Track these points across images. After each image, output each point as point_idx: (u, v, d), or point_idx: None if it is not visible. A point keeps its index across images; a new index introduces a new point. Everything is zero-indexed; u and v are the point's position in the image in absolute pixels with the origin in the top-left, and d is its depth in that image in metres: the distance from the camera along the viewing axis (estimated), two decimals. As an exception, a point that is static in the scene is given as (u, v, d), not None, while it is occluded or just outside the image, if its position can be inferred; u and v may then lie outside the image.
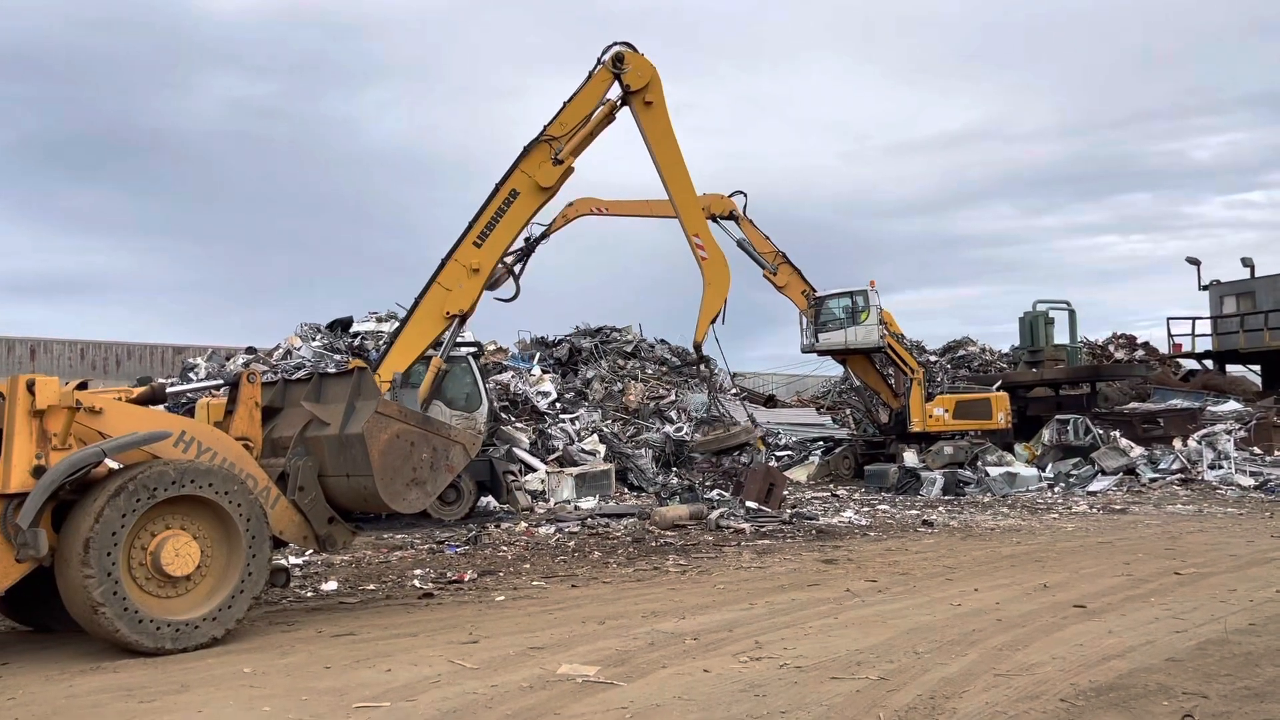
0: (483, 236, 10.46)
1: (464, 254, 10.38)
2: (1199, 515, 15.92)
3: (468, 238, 10.40)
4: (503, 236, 10.48)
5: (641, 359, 30.86)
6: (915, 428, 23.47)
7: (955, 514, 16.83)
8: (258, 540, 7.39)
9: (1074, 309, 29.17)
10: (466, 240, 10.39)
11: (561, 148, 10.54)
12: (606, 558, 11.94)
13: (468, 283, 10.29)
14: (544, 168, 10.56)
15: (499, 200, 10.53)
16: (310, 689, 5.94)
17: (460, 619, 8.19)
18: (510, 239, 10.56)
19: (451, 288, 10.27)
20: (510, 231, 10.51)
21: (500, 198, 10.55)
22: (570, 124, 10.83)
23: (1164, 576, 9.65)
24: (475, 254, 10.37)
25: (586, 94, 11.04)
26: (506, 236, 10.51)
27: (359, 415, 8.02)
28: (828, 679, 5.97)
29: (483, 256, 10.33)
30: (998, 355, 36.78)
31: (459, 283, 10.27)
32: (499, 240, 10.45)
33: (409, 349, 10.26)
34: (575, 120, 10.82)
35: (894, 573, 10.36)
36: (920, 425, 23.51)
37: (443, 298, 10.32)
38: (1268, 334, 29.30)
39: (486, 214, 10.51)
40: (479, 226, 10.48)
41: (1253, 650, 6.49)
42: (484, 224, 10.49)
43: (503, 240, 10.47)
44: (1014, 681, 5.83)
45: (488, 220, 10.51)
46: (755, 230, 23.57)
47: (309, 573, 10.82)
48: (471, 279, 10.27)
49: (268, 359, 23.97)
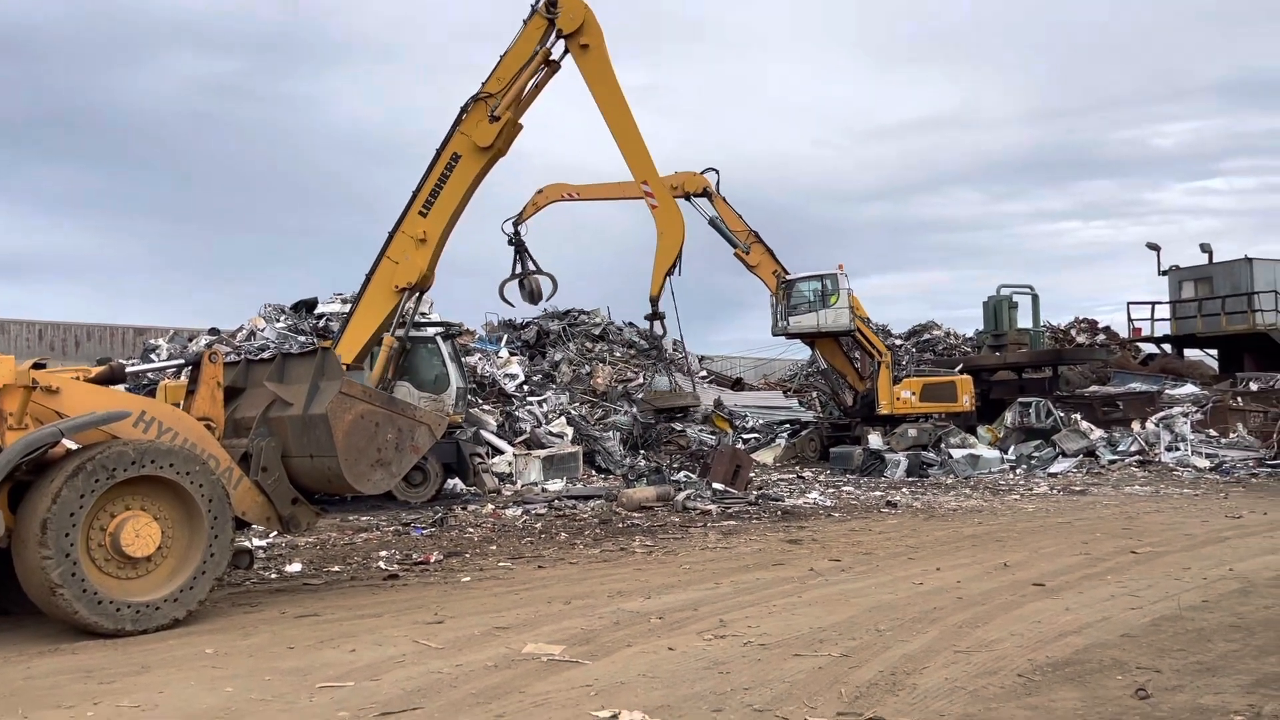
0: (427, 205, 10.14)
1: (410, 224, 10.07)
2: (1156, 496, 16.20)
3: (413, 207, 10.09)
4: (448, 203, 10.12)
5: (609, 342, 30.86)
6: (884, 410, 23.66)
7: (918, 495, 17.01)
8: (220, 521, 7.33)
9: (1037, 294, 29.42)
10: (412, 210, 10.08)
11: (498, 103, 10.14)
12: (573, 539, 11.96)
13: (415, 254, 9.97)
14: (481, 126, 10.16)
15: (440, 166, 10.18)
16: (273, 669, 5.91)
17: (425, 600, 8.18)
18: (456, 205, 10.15)
19: (399, 260, 9.98)
20: (455, 197, 10.13)
21: (442, 163, 10.19)
22: (506, 77, 10.38)
23: (1121, 555, 9.82)
24: (421, 223, 10.03)
25: (521, 43, 10.51)
26: (452, 203, 10.12)
27: (323, 395, 7.97)
28: (791, 656, 6.03)
29: (429, 225, 10.00)
30: (962, 339, 37.15)
31: (405, 254, 9.96)
32: (444, 208, 10.09)
33: (361, 328, 10.04)
34: (510, 73, 10.35)
35: (857, 552, 10.46)
36: (888, 408, 23.71)
37: (391, 271, 10.03)
38: (1224, 319, 29.79)
39: (430, 181, 10.17)
40: (423, 195, 10.14)
41: (1205, 626, 6.63)
42: (427, 191, 10.16)
43: (448, 207, 10.10)
44: (973, 658, 5.92)
45: (431, 187, 10.17)
46: (728, 208, 23.54)
47: (273, 554, 10.75)
48: (419, 249, 9.95)
49: (231, 340, 23.70)
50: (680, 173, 23.02)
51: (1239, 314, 29.44)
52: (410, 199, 10.18)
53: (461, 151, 10.25)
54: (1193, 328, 30.85)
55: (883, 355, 24.49)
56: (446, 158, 10.24)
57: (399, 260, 10.05)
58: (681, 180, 22.98)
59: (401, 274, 10.02)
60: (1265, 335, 28.48)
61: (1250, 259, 30.02)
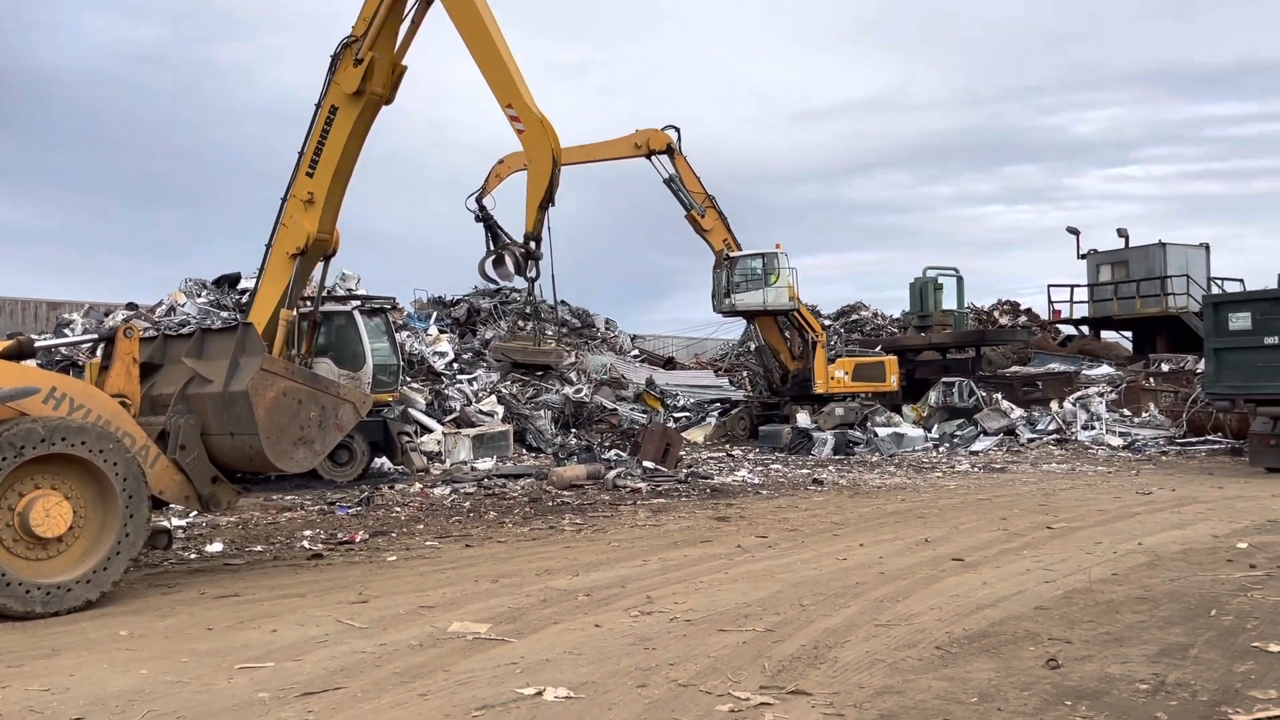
0: (313, 164, 9.78)
1: (298, 186, 9.65)
2: (1072, 474, 16.70)
3: (300, 168, 9.69)
4: (331, 159, 9.65)
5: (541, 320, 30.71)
6: (819, 389, 24.03)
7: (844, 473, 17.29)
8: (135, 500, 7.14)
9: (961, 276, 30.06)
10: (300, 172, 9.69)
11: (361, 45, 9.69)
12: (502, 518, 11.92)
13: (303, 216, 9.54)
14: (348, 72, 9.75)
15: (320, 121, 9.75)
16: (191, 650, 5.79)
17: (350, 579, 8.09)
18: (338, 160, 9.65)
19: (290, 225, 9.62)
20: (337, 152, 9.62)
21: (321, 118, 9.73)
22: (369, 16, 9.93)
23: (1037, 531, 10.11)
24: (308, 184, 9.57)
25: None
26: (334, 159, 9.66)
27: (244, 372, 7.79)
28: (716, 631, 6.09)
29: (315, 185, 9.56)
30: (889, 320, 37.76)
31: (294, 218, 9.59)
32: (328, 164, 9.63)
33: (266, 300, 9.66)
34: (371, 10, 9.93)
35: (784, 529, 10.60)
36: (824, 386, 24.07)
37: (285, 237, 9.66)
38: (1139, 301, 30.74)
39: (312, 139, 9.74)
40: (308, 154, 9.71)
41: (1114, 598, 6.86)
42: (311, 150, 9.76)
43: (332, 163, 9.62)
44: (893, 631, 6.05)
45: (314, 146, 9.77)
46: (688, 168, 23.43)
47: (192, 534, 10.52)
48: (307, 212, 9.52)
49: (150, 315, 23.05)
50: (643, 130, 23.06)
51: (1152, 297, 30.41)
52: (297, 160, 9.79)
53: (337, 103, 9.78)
54: (1109, 310, 31.78)
55: (819, 335, 24.81)
56: (325, 112, 9.79)
57: (290, 225, 9.70)
58: (646, 137, 23.02)
59: (291, 239, 9.62)
60: (1177, 318, 29.46)
61: (1164, 244, 30.99)
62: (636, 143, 23.07)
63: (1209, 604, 6.61)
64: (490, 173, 21.58)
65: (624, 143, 23.09)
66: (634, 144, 23.10)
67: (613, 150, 23.11)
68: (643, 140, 23.05)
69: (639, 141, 23.05)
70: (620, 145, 23.11)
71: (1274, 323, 15.64)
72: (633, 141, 23.07)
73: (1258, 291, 18.14)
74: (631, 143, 23.07)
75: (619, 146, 23.12)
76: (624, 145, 23.12)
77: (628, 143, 23.09)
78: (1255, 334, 15.81)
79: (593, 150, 22.70)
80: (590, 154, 22.61)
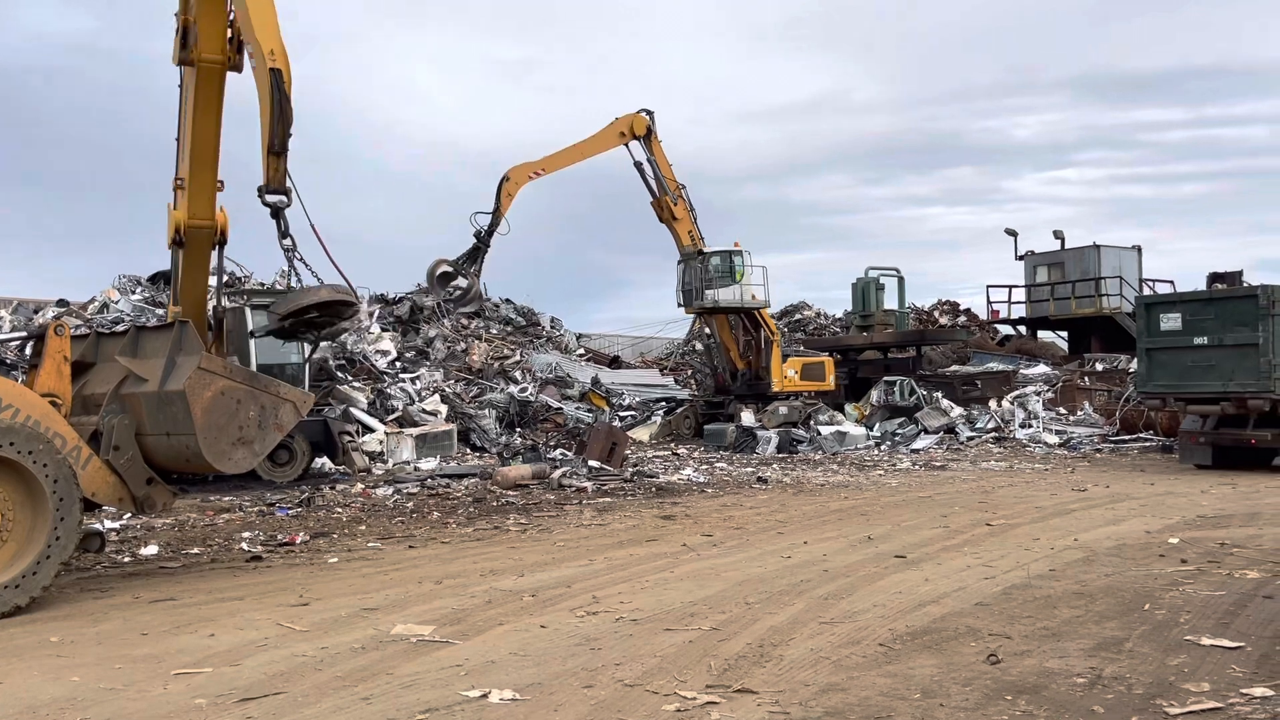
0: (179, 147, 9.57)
1: (180, 171, 9.42)
2: (1010, 471, 17.02)
3: (180, 156, 9.41)
4: (186, 138, 9.32)
5: (486, 318, 30.50)
6: (776, 387, 24.36)
7: (788, 471, 17.43)
8: (66, 502, 6.94)
9: (903, 276, 30.49)
10: (179, 159, 9.43)
11: (180, 8, 9.41)
12: (446, 518, 11.81)
13: (178, 203, 9.28)
14: (176, 42, 9.43)
15: (180, 102, 9.51)
16: (124, 657, 5.65)
17: (290, 582, 7.95)
18: (191, 138, 9.22)
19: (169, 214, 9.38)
20: (188, 129, 9.31)
21: (180, 100, 9.52)
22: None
23: (976, 528, 10.28)
24: (181, 167, 9.39)
25: None
26: (187, 138, 9.31)
27: (180, 371, 7.60)
28: (661, 630, 6.09)
29: (182, 169, 9.30)
30: (832, 319, 38.16)
31: (170, 206, 9.32)
32: (186, 144, 9.33)
33: (179, 296, 9.43)
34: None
35: (729, 527, 10.65)
36: (779, 385, 24.38)
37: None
38: (1074, 302, 31.42)
39: (180, 123, 9.53)
40: (183, 139, 9.50)
41: (1051, 594, 7.00)
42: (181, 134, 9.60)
43: (188, 142, 9.27)
44: (837, 628, 6.10)
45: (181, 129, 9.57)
46: (663, 154, 23.33)
47: (127, 537, 10.27)
48: (181, 197, 9.22)
49: (82, 313, 22.45)
50: (623, 116, 22.67)
51: (1087, 298, 31.10)
52: (176, 145, 9.52)
53: (182, 78, 9.54)
54: (1045, 310, 32.44)
55: (774, 334, 25.10)
56: (180, 93, 9.54)
57: (169, 214, 9.43)
58: (628, 123, 22.66)
59: (169, 229, 9.30)
60: (1110, 318, 30.17)
61: (1098, 246, 31.71)
62: (621, 131, 22.69)
63: (1143, 598, 6.77)
64: (500, 193, 21.02)
65: (609, 133, 22.62)
66: (619, 133, 22.71)
67: (601, 144, 22.64)
68: (626, 127, 22.69)
69: (623, 130, 22.67)
70: (607, 137, 22.63)
71: (1203, 324, 16.07)
72: (617, 130, 22.66)
73: (1188, 293, 18.66)
74: (616, 131, 22.65)
75: (606, 138, 22.64)
76: (610, 136, 22.66)
77: (613, 132, 22.64)
78: (1185, 334, 16.23)
79: (584, 149, 22.26)
80: (582, 153, 22.21)
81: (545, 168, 21.72)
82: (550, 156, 21.85)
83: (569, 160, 22.09)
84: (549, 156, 21.84)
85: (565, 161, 22.04)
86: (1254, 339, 15.33)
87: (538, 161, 21.61)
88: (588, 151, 22.43)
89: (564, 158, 22.00)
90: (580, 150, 22.15)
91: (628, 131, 22.77)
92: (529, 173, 21.38)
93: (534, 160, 21.54)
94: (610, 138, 22.70)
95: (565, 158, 22.01)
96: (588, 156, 22.50)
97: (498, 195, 21.00)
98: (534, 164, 21.52)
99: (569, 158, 22.07)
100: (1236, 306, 15.87)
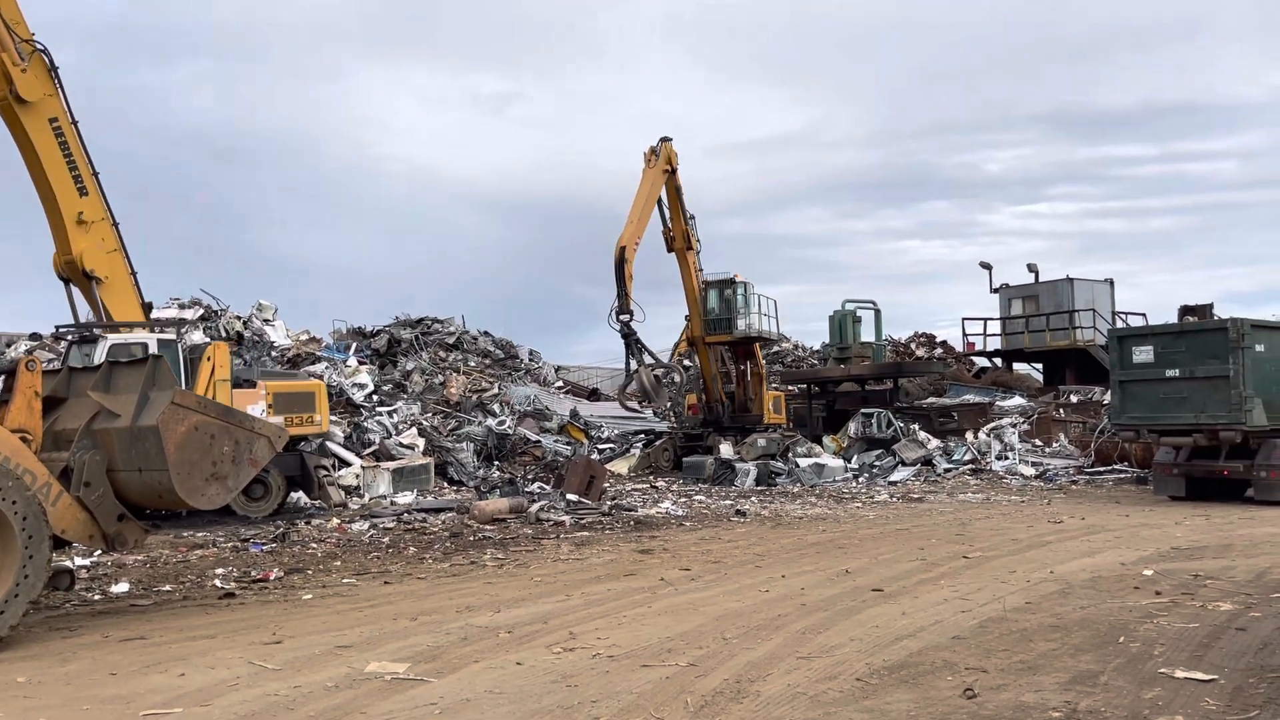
0: (77, 180, 10.07)
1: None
2: (987, 503, 17.08)
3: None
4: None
5: (464, 351, 30.44)
6: (768, 419, 24.92)
7: (767, 503, 17.42)
8: (35, 540, 6.84)
9: (880, 309, 30.71)
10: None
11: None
12: (422, 553, 11.72)
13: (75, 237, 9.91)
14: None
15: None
16: (93, 697, 5.56)
17: (263, 619, 7.86)
18: (33, 175, 10.08)
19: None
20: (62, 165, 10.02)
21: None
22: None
23: (953, 560, 10.30)
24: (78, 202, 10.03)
25: None
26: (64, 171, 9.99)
27: (153, 406, 7.54)
28: (639, 667, 6.06)
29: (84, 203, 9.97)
30: (809, 351, 38.30)
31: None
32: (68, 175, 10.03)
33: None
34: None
35: (707, 561, 10.62)
36: (769, 416, 24.82)
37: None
38: (1049, 335, 31.69)
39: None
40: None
41: (1028, 627, 7.01)
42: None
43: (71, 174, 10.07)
44: (814, 663, 6.09)
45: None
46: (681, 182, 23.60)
47: (97, 574, 10.12)
48: (76, 231, 9.81)
49: (54, 347, 22.23)
50: (660, 150, 22.72)
51: (1061, 330, 31.38)
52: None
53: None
54: (1020, 343, 32.70)
55: (761, 366, 25.46)
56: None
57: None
58: (667, 155, 22.82)
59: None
60: (1084, 350, 30.44)
61: (1072, 279, 32.05)
62: (664, 168, 22.87)
63: (1118, 631, 6.80)
64: (623, 276, 21.02)
65: (656, 173, 22.71)
66: (663, 170, 22.89)
67: (656, 184, 22.78)
68: (666, 162, 22.83)
69: (665, 167, 22.84)
70: (656, 176, 22.75)
71: (1175, 356, 16.26)
72: (661, 168, 22.80)
73: (1159, 326, 18.89)
74: (661, 169, 22.80)
75: (656, 178, 22.75)
76: (658, 174, 22.79)
77: (659, 170, 22.77)
78: (1157, 366, 16.41)
79: (650, 196, 22.35)
80: (650, 200, 22.31)
81: (639, 233, 21.96)
82: (634, 223, 21.93)
83: (647, 213, 22.36)
84: (633, 222, 21.92)
85: (646, 216, 22.30)
86: (1225, 371, 15.52)
87: (629, 231, 21.67)
88: (652, 196, 22.61)
89: (643, 214, 22.19)
90: (647, 199, 22.29)
91: (668, 165, 22.98)
92: (635, 244, 21.60)
93: (625, 232, 21.59)
94: (659, 176, 22.86)
95: (644, 213, 22.23)
96: (652, 204, 22.67)
97: (619, 279, 21.10)
98: (631, 236, 21.59)
99: (646, 211, 22.29)
100: (1207, 339, 16.08)
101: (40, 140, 11.00)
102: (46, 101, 11.44)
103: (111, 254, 12.96)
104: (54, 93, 11.88)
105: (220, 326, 26.11)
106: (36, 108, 11.13)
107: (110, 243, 12.99)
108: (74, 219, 11.27)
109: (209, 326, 25.97)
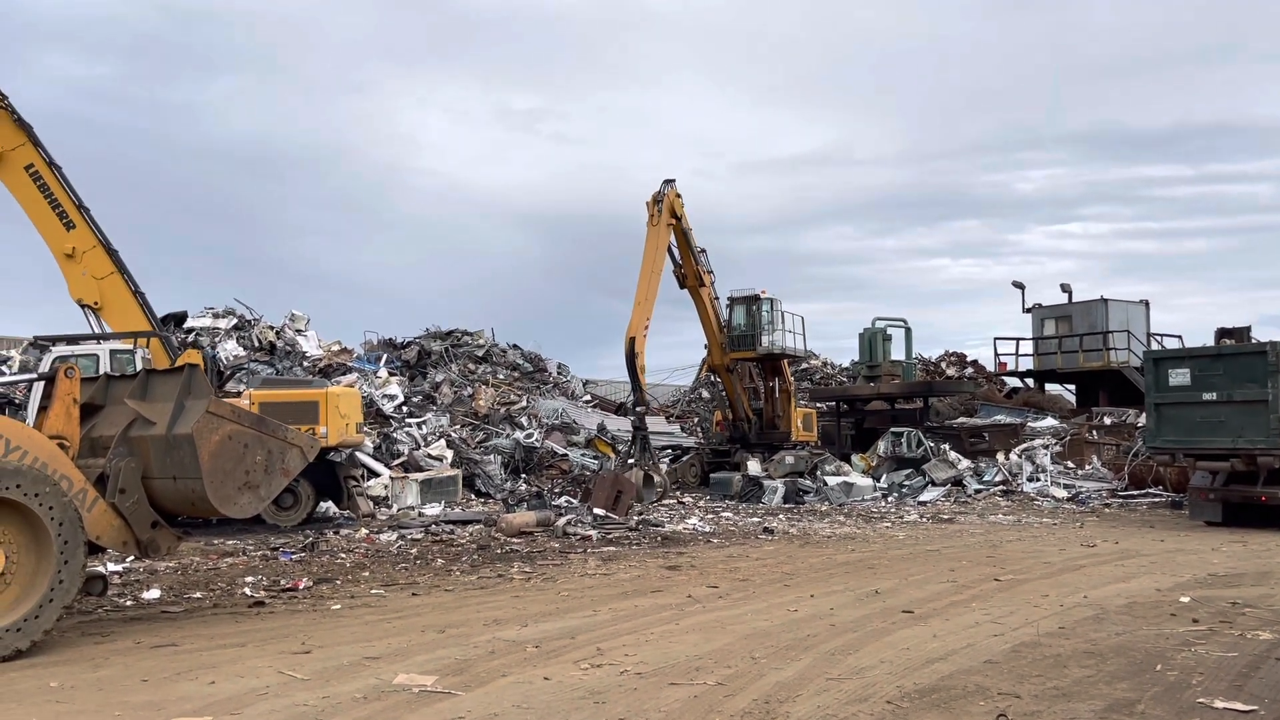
0: (62, 217, 10.69)
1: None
2: (1018, 525, 16.88)
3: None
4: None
5: (493, 364, 30.57)
6: (796, 436, 24.92)
7: (795, 522, 17.31)
8: (70, 546, 6.92)
9: (910, 327, 30.54)
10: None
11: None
12: (450, 565, 11.74)
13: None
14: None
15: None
16: (124, 703, 5.59)
17: (293, 628, 7.89)
18: (54, 210, 10.71)
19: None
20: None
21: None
22: None
23: (985, 583, 10.18)
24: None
25: None
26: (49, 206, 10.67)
27: (189, 414, 7.62)
28: (666, 685, 6.02)
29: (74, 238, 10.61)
30: (838, 369, 38.12)
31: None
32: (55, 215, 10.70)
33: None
34: None
35: (735, 579, 10.56)
36: (798, 434, 24.72)
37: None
38: (1082, 355, 31.35)
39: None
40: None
41: (1061, 652, 6.91)
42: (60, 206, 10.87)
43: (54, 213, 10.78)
44: (844, 685, 6.02)
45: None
46: (689, 221, 23.40)
47: (129, 580, 10.22)
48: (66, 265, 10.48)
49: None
50: (663, 202, 22.27)
51: (1095, 351, 31.03)
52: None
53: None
54: (1053, 363, 32.36)
55: (789, 383, 25.38)
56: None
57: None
58: (670, 207, 22.43)
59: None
60: (1118, 372, 30.07)
61: (1105, 300, 31.72)
62: (669, 222, 22.47)
63: (1154, 659, 6.68)
64: (635, 367, 20.61)
65: (660, 228, 22.26)
66: (667, 223, 22.48)
67: (661, 242, 22.34)
68: (669, 214, 22.35)
69: (669, 220, 22.43)
70: (661, 233, 22.32)
71: (1212, 379, 16.03)
72: (665, 222, 22.37)
73: (1196, 348, 18.62)
74: (665, 223, 22.37)
75: (661, 234, 22.31)
76: (663, 230, 22.36)
77: (663, 225, 22.32)
78: (1194, 390, 16.18)
79: (655, 262, 21.89)
80: (655, 267, 21.84)
81: (648, 314, 21.39)
82: (642, 303, 21.33)
83: (654, 286, 21.81)
84: (640, 304, 21.31)
85: (653, 290, 21.72)
86: (1263, 395, 15.27)
87: (637, 317, 21.12)
88: (659, 261, 22.16)
89: (649, 288, 21.61)
90: (653, 267, 21.83)
91: (672, 216, 22.57)
92: (643, 332, 21.04)
93: (634, 320, 21.06)
94: (664, 232, 22.44)
95: (650, 287, 21.65)
96: (663, 258, 22.32)
97: (631, 372, 20.76)
98: (639, 323, 21.04)
99: (652, 285, 21.74)
100: (1245, 363, 15.84)
101: (19, 190, 12.01)
102: (19, 152, 12.44)
103: (106, 279, 13.61)
104: (24, 142, 12.66)
105: (254, 336, 26.39)
106: (9, 160, 12.06)
107: (104, 268, 13.60)
108: (63, 255, 12.28)
109: (242, 336, 26.25)
